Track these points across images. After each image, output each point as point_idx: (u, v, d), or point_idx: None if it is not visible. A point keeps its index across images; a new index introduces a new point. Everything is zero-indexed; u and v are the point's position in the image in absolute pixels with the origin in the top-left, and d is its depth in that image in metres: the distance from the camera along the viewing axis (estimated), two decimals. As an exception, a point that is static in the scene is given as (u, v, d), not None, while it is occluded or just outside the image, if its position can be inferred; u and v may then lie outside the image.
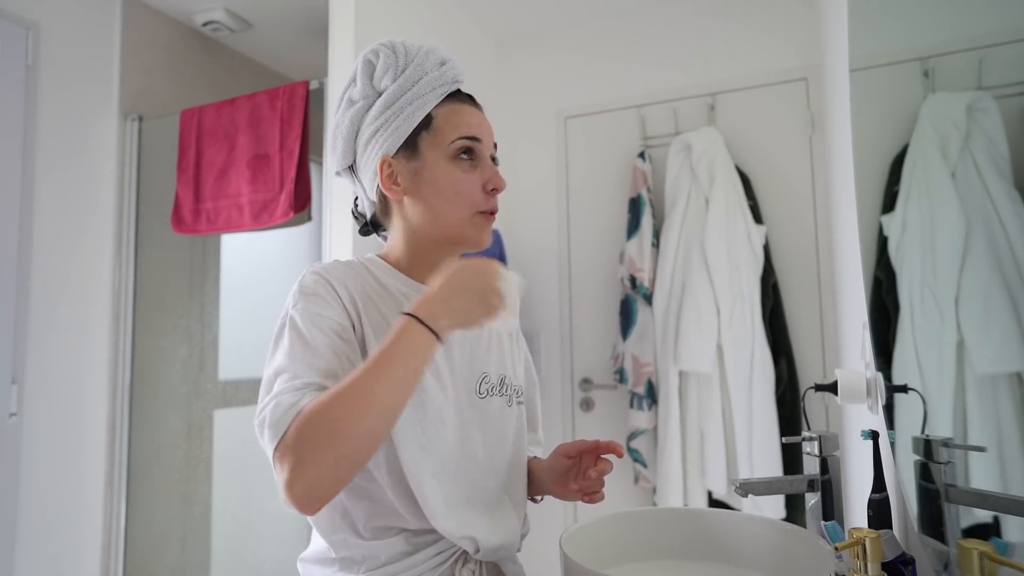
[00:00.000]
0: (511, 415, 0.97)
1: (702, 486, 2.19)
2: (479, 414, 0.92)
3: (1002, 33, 0.59)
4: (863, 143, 1.11)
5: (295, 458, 0.71)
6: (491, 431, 0.94)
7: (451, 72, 0.94)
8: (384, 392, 0.73)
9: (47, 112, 2.08)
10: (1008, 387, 0.60)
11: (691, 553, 0.89)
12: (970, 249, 0.64)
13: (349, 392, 0.73)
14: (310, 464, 0.71)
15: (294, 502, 0.72)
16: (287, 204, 2.05)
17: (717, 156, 2.29)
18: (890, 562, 0.67)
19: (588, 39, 2.69)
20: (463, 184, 0.90)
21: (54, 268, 2.09)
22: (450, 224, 0.91)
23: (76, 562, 2.12)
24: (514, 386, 0.99)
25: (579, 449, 0.96)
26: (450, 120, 0.92)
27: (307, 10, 2.49)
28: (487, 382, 0.94)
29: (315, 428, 0.72)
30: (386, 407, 0.74)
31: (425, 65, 0.92)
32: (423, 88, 0.91)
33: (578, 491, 0.96)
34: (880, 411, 1.00)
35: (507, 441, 0.96)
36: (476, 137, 0.92)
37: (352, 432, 0.72)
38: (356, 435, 0.72)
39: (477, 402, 0.93)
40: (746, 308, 2.18)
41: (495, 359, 0.97)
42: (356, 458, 0.73)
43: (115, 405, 2.24)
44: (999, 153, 0.58)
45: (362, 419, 0.72)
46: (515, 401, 0.98)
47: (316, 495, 0.73)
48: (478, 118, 0.94)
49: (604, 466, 0.94)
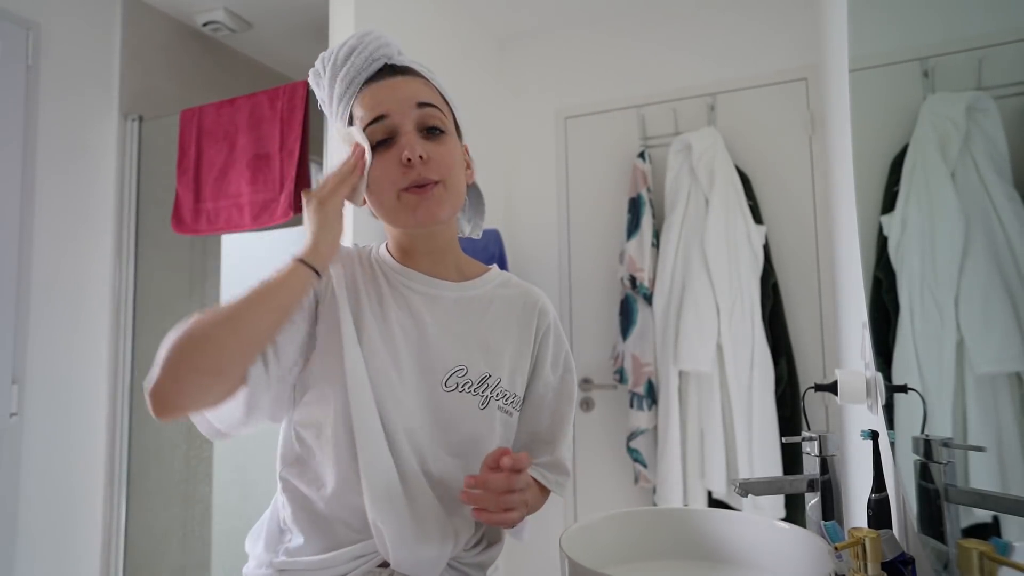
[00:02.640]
0: (480, 417, 0.89)
1: (702, 486, 2.19)
2: (434, 406, 0.88)
3: (1002, 33, 0.59)
4: (863, 143, 1.11)
5: (156, 360, 0.75)
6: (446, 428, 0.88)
7: (355, 64, 0.89)
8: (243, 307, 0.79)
9: (47, 112, 2.08)
10: (1008, 387, 0.60)
11: (691, 553, 0.89)
12: (970, 249, 0.64)
13: (214, 308, 0.78)
14: (159, 365, 0.74)
15: (151, 402, 0.75)
16: (287, 204, 2.05)
17: (717, 156, 2.29)
18: (890, 562, 0.67)
19: (588, 39, 2.69)
20: (378, 169, 0.87)
21: (54, 268, 2.09)
22: (383, 213, 0.91)
23: (76, 562, 2.12)
24: (498, 388, 0.91)
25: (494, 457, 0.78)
26: (359, 113, 0.89)
27: (307, 10, 2.49)
28: (461, 376, 0.89)
29: (174, 335, 0.76)
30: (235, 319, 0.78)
31: (336, 64, 0.90)
32: (340, 89, 0.90)
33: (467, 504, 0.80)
34: (880, 411, 1.00)
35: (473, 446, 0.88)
36: (381, 115, 0.87)
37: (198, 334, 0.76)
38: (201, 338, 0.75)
39: (438, 394, 0.88)
40: (746, 308, 2.18)
41: (485, 355, 0.91)
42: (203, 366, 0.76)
43: (115, 405, 2.24)
44: (999, 153, 0.58)
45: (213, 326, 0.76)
46: (495, 404, 0.90)
47: (160, 398, 0.75)
48: (383, 91, 0.88)
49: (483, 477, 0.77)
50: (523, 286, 1.01)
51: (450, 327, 0.91)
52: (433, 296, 0.92)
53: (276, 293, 0.81)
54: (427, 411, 0.88)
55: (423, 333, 0.89)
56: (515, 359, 0.94)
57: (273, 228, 2.15)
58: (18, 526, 1.94)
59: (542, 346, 0.97)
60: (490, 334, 0.93)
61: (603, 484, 2.47)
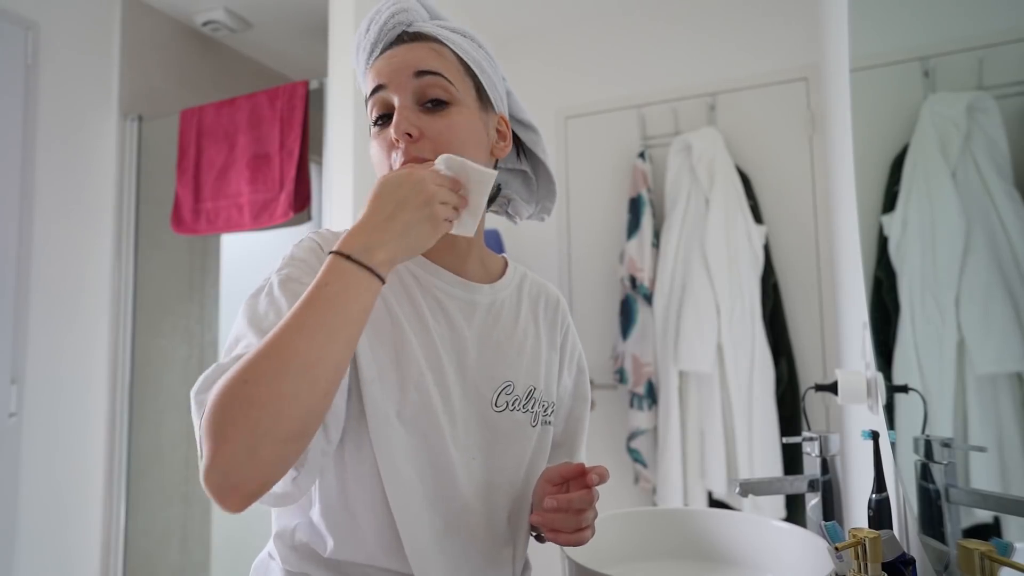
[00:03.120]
0: (532, 436, 0.80)
1: (702, 486, 2.19)
2: (489, 431, 0.77)
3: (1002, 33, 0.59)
4: (863, 143, 1.11)
5: (209, 436, 0.56)
6: (499, 454, 0.78)
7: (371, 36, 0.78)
8: (306, 346, 0.58)
9: (47, 112, 2.08)
10: (1008, 387, 0.60)
11: (691, 553, 0.89)
12: (970, 249, 0.64)
13: (264, 350, 0.58)
14: (223, 442, 0.55)
15: (212, 491, 0.56)
16: (287, 204, 2.05)
17: (717, 156, 2.29)
18: (890, 562, 0.67)
19: (588, 39, 2.69)
20: (375, 150, 0.77)
21: (54, 268, 2.09)
22: None
23: (76, 562, 2.12)
24: (544, 402, 0.82)
25: (563, 474, 0.75)
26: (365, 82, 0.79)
27: (307, 10, 2.49)
28: (509, 393, 0.79)
29: (229, 397, 0.56)
30: (309, 363, 0.58)
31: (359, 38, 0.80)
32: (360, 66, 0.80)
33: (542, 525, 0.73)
34: (880, 411, 1.00)
35: (521, 468, 0.80)
36: (376, 87, 0.76)
37: (268, 397, 0.56)
38: (274, 401, 0.56)
39: (490, 416, 0.77)
40: (746, 308, 2.18)
41: (526, 365, 0.82)
42: (278, 433, 0.56)
43: (115, 405, 2.24)
44: (999, 153, 0.58)
45: (279, 380, 0.56)
46: (542, 420, 0.82)
47: (233, 483, 0.56)
48: (382, 61, 0.77)
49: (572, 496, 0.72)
50: (540, 281, 0.93)
51: (489, 337, 0.80)
52: (468, 302, 0.80)
53: (348, 319, 0.60)
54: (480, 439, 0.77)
55: (464, 347, 0.77)
56: (548, 364, 0.86)
57: (273, 228, 2.15)
58: (18, 526, 1.94)
59: (563, 347, 0.90)
60: (525, 340, 0.84)
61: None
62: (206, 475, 0.56)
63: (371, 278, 0.61)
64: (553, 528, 0.72)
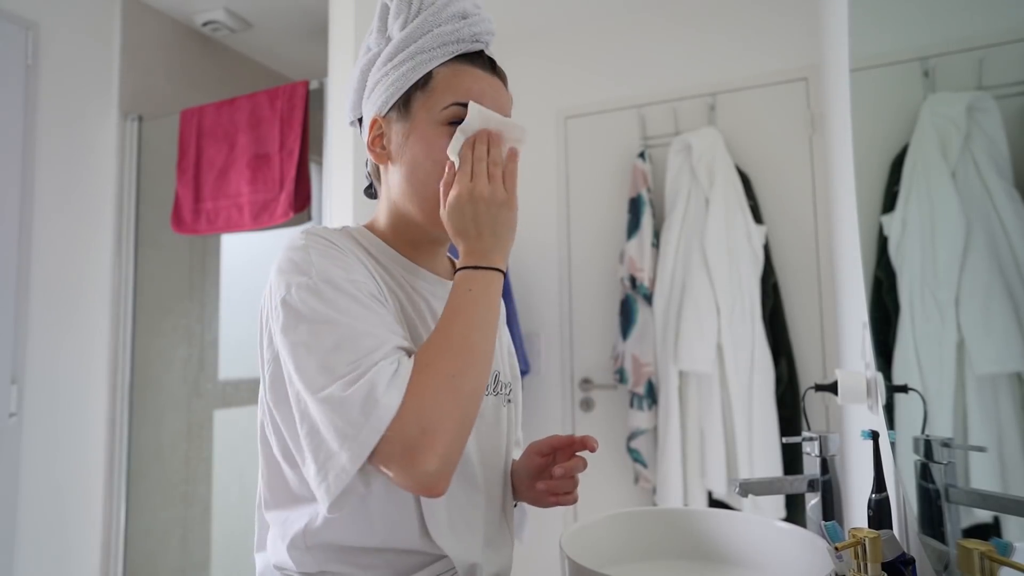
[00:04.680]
0: (504, 417, 0.88)
1: (702, 486, 2.19)
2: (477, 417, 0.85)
3: (1002, 33, 0.59)
4: (863, 143, 1.11)
5: (421, 430, 0.61)
6: (486, 436, 0.84)
7: (470, 29, 0.80)
8: (479, 338, 0.68)
9: (47, 112, 2.08)
10: (1008, 387, 0.60)
11: (691, 553, 0.89)
12: (970, 249, 0.64)
13: (450, 344, 0.67)
14: (440, 432, 0.62)
15: (427, 482, 0.62)
16: (287, 204, 2.05)
17: (717, 156, 2.29)
18: (890, 562, 0.67)
19: (588, 39, 2.69)
20: (441, 154, 0.77)
21: (54, 268, 2.09)
22: (424, 198, 0.79)
23: (76, 562, 2.12)
24: (505, 384, 0.90)
25: (552, 445, 0.87)
26: (449, 82, 0.79)
27: (307, 10, 2.49)
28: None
29: (435, 390, 0.63)
30: (485, 354, 0.68)
31: (440, 16, 0.80)
32: (429, 42, 0.79)
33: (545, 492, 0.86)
34: (880, 411, 1.00)
35: (503, 447, 0.88)
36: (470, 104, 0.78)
37: (469, 387, 0.65)
38: (472, 389, 0.66)
39: None
40: (746, 308, 2.18)
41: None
42: (472, 419, 0.66)
43: (115, 405, 2.24)
44: (999, 153, 0.58)
45: (472, 370, 0.66)
46: (506, 400, 0.89)
47: (449, 469, 0.63)
48: (486, 83, 0.80)
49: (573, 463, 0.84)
50: None
51: None
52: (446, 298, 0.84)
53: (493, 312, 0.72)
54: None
55: None
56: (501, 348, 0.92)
57: (273, 228, 2.15)
58: (18, 526, 1.94)
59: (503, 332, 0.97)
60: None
61: (603, 484, 2.47)
62: (419, 468, 0.61)
63: (495, 275, 0.73)
64: (556, 493, 0.86)
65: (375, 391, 0.62)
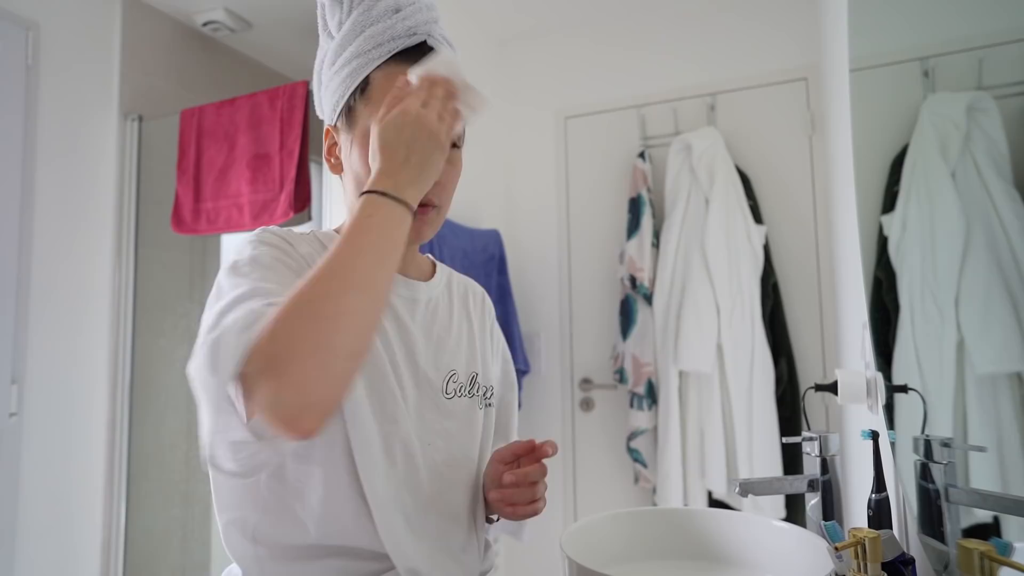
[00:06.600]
0: (479, 419, 0.85)
1: (702, 486, 2.19)
2: (444, 417, 0.81)
3: (1002, 33, 0.59)
4: (863, 143, 1.11)
5: (270, 363, 0.56)
6: (457, 438, 0.82)
7: (404, 23, 0.75)
8: (364, 265, 0.61)
9: (47, 112, 2.08)
10: (1008, 387, 0.60)
11: (691, 553, 0.89)
12: (970, 249, 0.64)
13: (322, 272, 0.60)
14: (293, 360, 0.56)
15: (284, 415, 0.56)
16: (287, 204, 2.05)
17: (717, 156, 2.29)
18: (890, 562, 0.67)
19: (588, 39, 2.69)
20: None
21: (54, 268, 2.09)
22: None
23: (76, 562, 2.12)
24: (484, 386, 0.88)
25: (515, 452, 0.81)
26: (384, 88, 0.74)
27: (307, 10, 2.49)
28: (455, 380, 0.83)
29: (293, 317, 0.57)
30: (368, 281, 0.61)
31: (371, 13, 0.75)
32: (363, 44, 0.75)
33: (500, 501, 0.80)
34: (880, 411, 1.00)
35: (475, 450, 0.85)
36: None
37: (334, 312, 0.58)
38: (340, 315, 0.58)
39: (443, 403, 0.81)
40: (746, 308, 2.18)
41: (465, 354, 0.87)
42: (345, 348, 0.58)
43: (115, 405, 2.24)
44: (999, 153, 0.58)
45: (343, 296, 0.59)
46: (484, 403, 0.87)
47: (311, 400, 0.57)
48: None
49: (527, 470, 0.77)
50: (464, 279, 0.97)
51: (430, 330, 0.84)
52: (410, 299, 0.83)
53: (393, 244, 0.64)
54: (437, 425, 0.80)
55: (411, 340, 0.81)
56: (483, 352, 0.91)
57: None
58: (18, 526, 1.94)
59: (492, 337, 0.96)
60: (461, 332, 0.89)
61: (603, 484, 2.47)
62: (273, 401, 0.56)
63: (405, 211, 0.65)
64: (511, 503, 0.79)
65: (225, 334, 0.59)
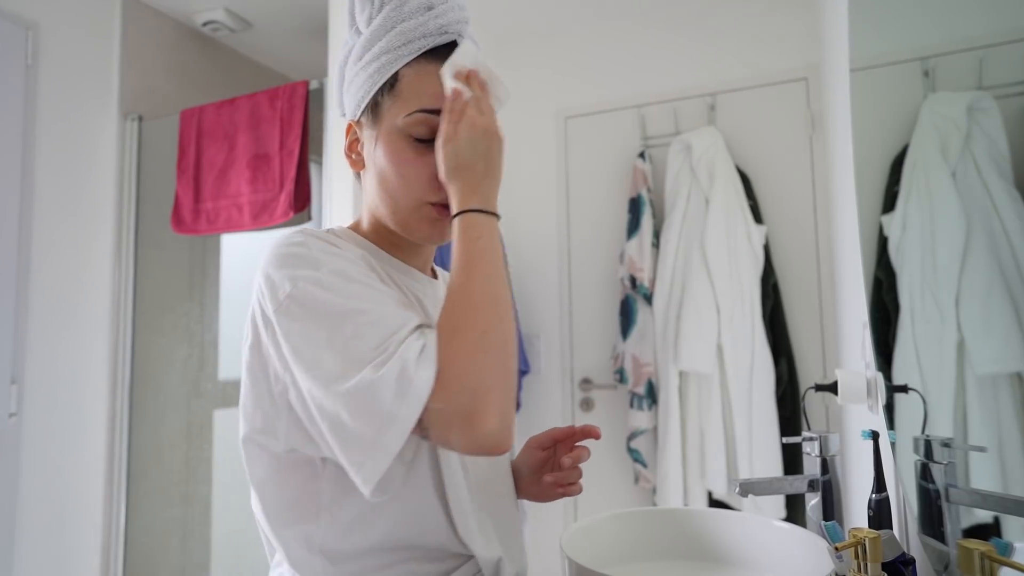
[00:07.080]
0: None
1: (702, 486, 2.19)
2: None
3: (1002, 33, 0.59)
4: (863, 143, 1.11)
5: (471, 393, 0.61)
6: None
7: (436, 21, 0.74)
8: (500, 289, 0.66)
9: (47, 112, 2.08)
10: (1008, 387, 0.60)
11: (691, 553, 0.89)
12: (970, 249, 0.64)
13: (472, 302, 0.65)
14: (489, 390, 0.61)
15: (490, 441, 0.61)
16: (287, 204, 2.05)
17: (717, 156, 2.29)
18: (890, 562, 0.67)
19: (588, 39, 2.69)
20: (408, 168, 0.74)
21: (54, 268, 2.09)
22: (395, 210, 0.76)
23: (76, 562, 2.12)
24: None
25: (553, 438, 0.88)
26: (414, 85, 0.74)
27: (307, 10, 2.49)
28: None
29: (470, 351, 0.62)
30: (507, 304, 0.66)
31: (404, 9, 0.74)
32: (393, 40, 0.74)
33: (553, 484, 0.86)
34: (880, 411, 1.00)
35: None
36: (438, 109, 0.73)
37: (501, 339, 0.64)
38: (505, 341, 0.64)
39: None
40: (746, 308, 2.18)
41: None
42: (514, 370, 0.65)
43: (115, 405, 2.24)
44: (999, 153, 0.58)
45: (501, 323, 0.65)
46: None
47: (509, 422, 0.63)
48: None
49: (579, 453, 0.84)
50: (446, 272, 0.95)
51: None
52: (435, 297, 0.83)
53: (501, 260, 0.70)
54: None
55: None
56: None
57: (273, 228, 2.15)
58: (17, 526, 1.94)
59: None
60: None
61: (603, 484, 2.47)
62: (481, 429, 0.61)
63: (496, 220, 0.70)
64: (563, 484, 0.85)
65: (407, 369, 0.60)
